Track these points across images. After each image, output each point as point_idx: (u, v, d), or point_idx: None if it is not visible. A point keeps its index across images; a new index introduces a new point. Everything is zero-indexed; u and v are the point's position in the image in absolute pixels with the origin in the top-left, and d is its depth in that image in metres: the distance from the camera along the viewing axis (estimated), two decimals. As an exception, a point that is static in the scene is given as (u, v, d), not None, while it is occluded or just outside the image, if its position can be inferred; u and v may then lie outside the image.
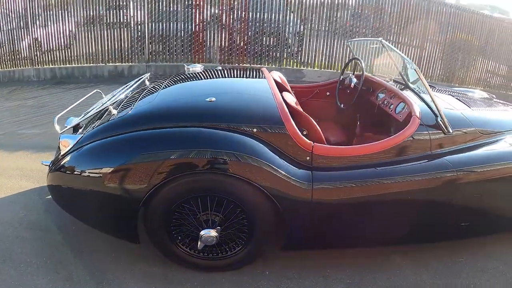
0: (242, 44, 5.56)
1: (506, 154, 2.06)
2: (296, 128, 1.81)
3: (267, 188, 1.67)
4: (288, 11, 5.78)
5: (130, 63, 5.24)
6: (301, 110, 2.14)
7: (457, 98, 2.60)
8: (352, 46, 3.88)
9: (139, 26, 4.94)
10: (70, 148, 1.86)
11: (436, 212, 1.91)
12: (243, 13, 5.32)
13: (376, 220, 1.85)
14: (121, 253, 1.91)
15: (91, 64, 5.36)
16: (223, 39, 5.37)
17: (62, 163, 1.85)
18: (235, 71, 2.76)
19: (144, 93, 2.25)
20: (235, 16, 5.20)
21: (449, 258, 2.01)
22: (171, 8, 4.95)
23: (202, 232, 1.74)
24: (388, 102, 2.57)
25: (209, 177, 1.71)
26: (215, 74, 2.61)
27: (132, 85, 2.47)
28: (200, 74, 2.63)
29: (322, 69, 6.51)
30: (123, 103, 2.18)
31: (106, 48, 4.93)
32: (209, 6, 5.11)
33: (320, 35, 6.19)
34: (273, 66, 6.01)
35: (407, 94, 2.37)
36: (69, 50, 5.42)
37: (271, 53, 5.90)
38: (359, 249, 2.06)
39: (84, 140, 1.86)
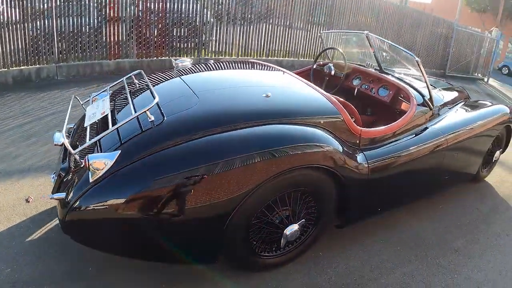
0: (159, 37, 5.83)
1: (470, 119, 3.18)
2: (349, 116, 2.20)
3: (339, 171, 1.98)
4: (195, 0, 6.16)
5: (38, 65, 5.06)
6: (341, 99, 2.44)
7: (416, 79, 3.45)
8: (324, 38, 4.47)
9: (44, 21, 4.79)
10: (109, 170, 1.63)
11: (436, 169, 2.83)
12: (160, 3, 5.58)
13: (409, 181, 2.61)
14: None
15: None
16: (139, 32, 5.57)
17: (99, 190, 1.63)
18: (233, 64, 3.05)
19: (159, 91, 1.98)
20: (151, 7, 5.44)
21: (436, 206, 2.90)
22: (82, 1, 4.90)
23: (286, 230, 1.96)
24: (368, 87, 3.31)
25: (294, 174, 1.82)
26: (221, 67, 2.75)
27: (123, 85, 2.42)
28: (208, 67, 2.71)
29: (240, 57, 7.16)
30: (134, 107, 1.96)
31: (7, 49, 4.68)
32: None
33: (230, 23, 6.78)
34: (192, 57, 6.43)
35: (393, 79, 3.20)
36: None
37: (188, 44, 6.29)
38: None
39: (127, 157, 1.66)
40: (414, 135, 2.67)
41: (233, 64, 2.99)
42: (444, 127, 2.91)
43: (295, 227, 2.01)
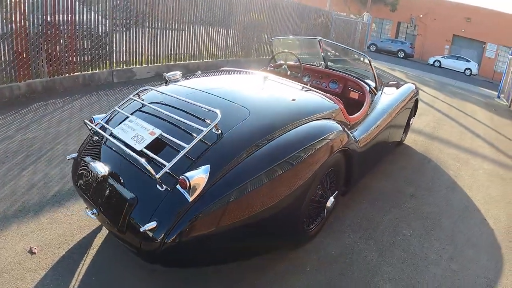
0: (70, 52, 5.64)
1: (397, 97, 4.18)
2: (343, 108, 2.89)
3: (349, 148, 2.68)
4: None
5: None
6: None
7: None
8: (274, 43, 4.88)
9: None
10: (208, 183, 1.80)
11: (387, 138, 3.87)
12: (69, 15, 5.41)
13: (377, 149, 3.53)
14: None
15: None
16: (49, 48, 5.32)
17: (201, 207, 1.79)
18: (224, 73, 3.36)
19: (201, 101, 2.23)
20: (59, 20, 5.24)
21: (384, 169, 3.64)
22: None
23: (328, 202, 2.60)
24: (319, 82, 4.06)
25: (332, 157, 2.43)
26: (220, 77, 3.16)
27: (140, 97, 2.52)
28: (210, 78, 3.09)
29: (150, 65, 7.29)
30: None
31: None
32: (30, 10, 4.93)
33: (136, 32, 6.87)
34: (104, 69, 6.34)
35: (342, 74, 4.03)
36: None
37: (100, 57, 6.19)
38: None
39: (215, 169, 1.84)
40: (372, 115, 3.53)
41: (225, 74, 3.32)
42: (385, 106, 3.82)
43: (331, 199, 2.67)
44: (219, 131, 1.99)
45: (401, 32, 33.24)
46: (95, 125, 2.36)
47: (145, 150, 1.97)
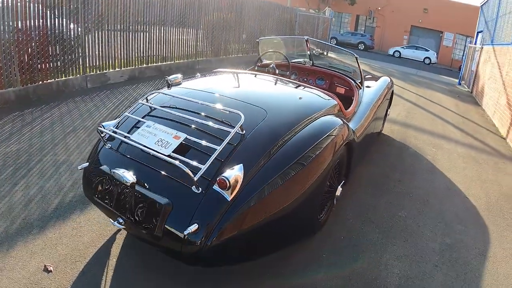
0: (42, 58, 5.53)
1: (377, 89, 4.50)
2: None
3: (351, 140, 2.93)
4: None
5: None
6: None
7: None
8: (261, 43, 4.94)
9: None
10: (243, 182, 1.91)
11: (374, 129, 4.23)
12: (41, 20, 5.30)
13: (367, 140, 3.87)
14: None
15: None
16: (21, 56, 5.21)
17: (241, 204, 1.89)
18: (225, 74, 3.36)
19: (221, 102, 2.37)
20: (30, 25, 5.13)
21: (370, 157, 3.87)
22: None
23: (337, 192, 2.87)
24: (306, 79, 4.27)
25: (341, 149, 2.69)
26: (224, 77, 3.21)
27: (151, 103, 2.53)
28: (216, 80, 3.18)
29: (123, 68, 7.25)
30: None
31: None
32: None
33: (108, 35, 6.82)
34: (78, 75, 6.25)
35: (329, 71, 4.28)
36: None
37: (73, 63, 6.10)
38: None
39: (247, 167, 1.95)
40: (361, 108, 3.79)
41: (224, 75, 3.33)
42: (370, 99, 4.10)
43: (339, 188, 2.93)
44: (243, 132, 2.10)
45: (360, 24, 34.39)
46: (109, 131, 2.33)
47: (174, 154, 2.00)
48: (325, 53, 16.93)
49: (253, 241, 2.05)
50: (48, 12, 5.51)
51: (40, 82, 5.58)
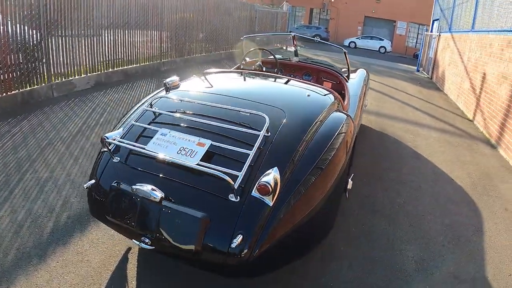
0: (4, 68, 5.24)
1: (358, 81, 4.63)
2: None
3: (357, 132, 3.09)
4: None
5: None
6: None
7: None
8: (245, 41, 4.92)
9: None
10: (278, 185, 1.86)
11: (360, 119, 4.36)
12: (1, 27, 5.00)
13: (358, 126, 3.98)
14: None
15: None
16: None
17: (281, 206, 1.87)
18: (223, 74, 3.36)
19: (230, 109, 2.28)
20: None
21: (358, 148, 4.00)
22: None
23: (348, 185, 2.91)
24: (293, 75, 4.31)
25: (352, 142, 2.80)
26: (225, 78, 3.18)
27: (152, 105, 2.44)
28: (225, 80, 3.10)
29: (89, 74, 7.01)
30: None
31: None
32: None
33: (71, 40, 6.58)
34: (43, 84, 5.98)
35: (316, 66, 4.38)
36: None
37: (38, 70, 5.83)
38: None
39: (284, 163, 1.97)
40: (351, 101, 3.95)
41: (222, 75, 3.32)
42: (355, 92, 4.28)
43: (350, 181, 3.00)
44: (269, 134, 2.08)
45: (314, 18, 35.17)
46: (117, 142, 2.15)
47: (202, 163, 1.90)
48: (284, 47, 17.21)
49: (292, 244, 2.02)
50: (7, 18, 5.23)
51: (4, 94, 5.29)
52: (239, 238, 1.74)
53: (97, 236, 2.67)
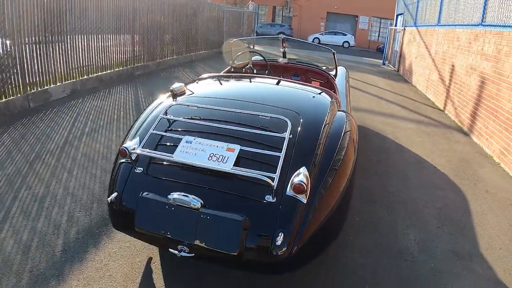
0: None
1: (342, 78, 4.82)
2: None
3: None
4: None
5: None
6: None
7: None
8: (233, 44, 4.98)
9: None
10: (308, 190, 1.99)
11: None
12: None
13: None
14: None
15: None
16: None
17: (314, 201, 2.01)
18: (223, 79, 3.43)
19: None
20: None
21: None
22: None
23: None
24: (282, 76, 4.49)
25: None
26: (228, 82, 3.22)
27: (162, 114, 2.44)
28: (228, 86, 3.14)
29: (65, 82, 6.91)
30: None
31: None
32: None
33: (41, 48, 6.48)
34: (18, 95, 5.86)
35: (304, 67, 4.55)
36: None
37: (11, 80, 5.71)
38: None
39: (309, 162, 2.11)
40: (341, 99, 4.19)
41: (223, 80, 3.40)
42: (342, 89, 4.53)
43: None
44: (291, 136, 2.19)
45: (277, 15, 35.67)
46: (142, 152, 2.17)
47: (236, 168, 1.99)
48: (252, 46, 17.41)
49: (322, 236, 2.16)
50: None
51: (-19, 106, 5.17)
52: (281, 236, 1.87)
53: (113, 249, 2.65)
